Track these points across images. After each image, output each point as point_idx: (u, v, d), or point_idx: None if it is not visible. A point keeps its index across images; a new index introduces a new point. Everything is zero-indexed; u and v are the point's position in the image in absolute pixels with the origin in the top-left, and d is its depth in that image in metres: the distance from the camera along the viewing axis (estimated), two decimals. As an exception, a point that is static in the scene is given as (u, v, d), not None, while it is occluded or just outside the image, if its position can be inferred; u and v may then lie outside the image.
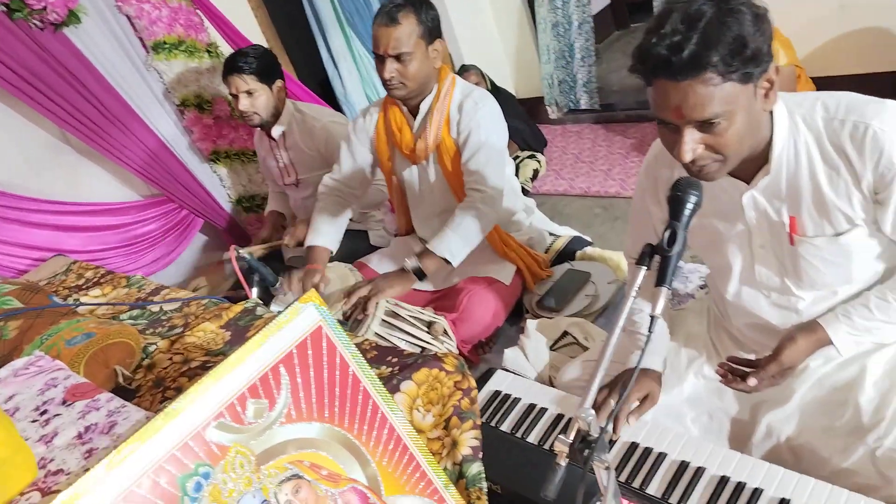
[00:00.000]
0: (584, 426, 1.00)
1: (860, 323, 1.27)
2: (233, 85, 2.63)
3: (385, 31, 2.06)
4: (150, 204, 3.23)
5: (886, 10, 3.16)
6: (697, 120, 1.09)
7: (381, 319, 1.96)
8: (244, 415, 0.92)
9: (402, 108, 2.29)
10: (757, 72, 1.08)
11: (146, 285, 2.14)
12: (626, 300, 1.05)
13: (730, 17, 1.04)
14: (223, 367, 0.90)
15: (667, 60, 1.05)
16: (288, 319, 0.98)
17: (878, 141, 1.13)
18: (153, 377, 1.47)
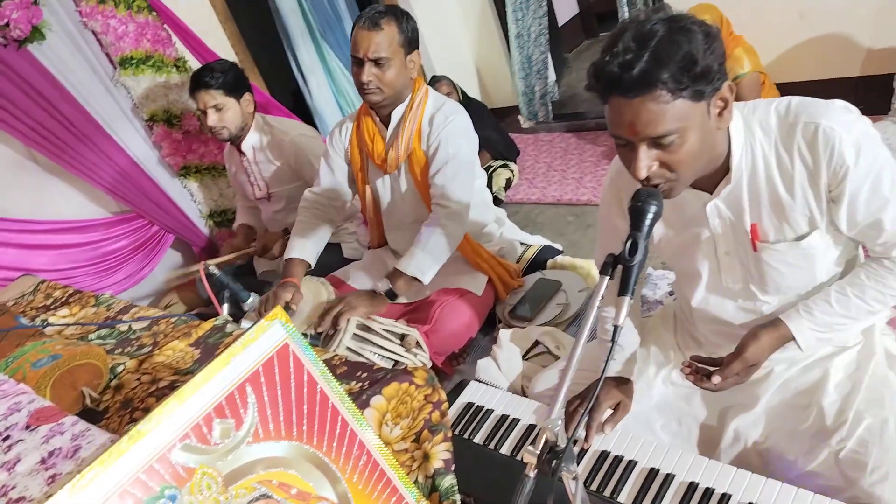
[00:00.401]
0: (551, 437, 1.01)
1: (821, 318, 1.29)
2: (200, 100, 2.62)
3: (367, 34, 2.07)
4: (119, 220, 3.19)
5: (844, 18, 3.24)
6: (650, 137, 1.11)
7: (354, 333, 1.95)
8: (210, 435, 0.91)
9: (374, 118, 2.30)
10: (708, 90, 1.10)
11: (115, 304, 2.11)
12: (589, 310, 1.06)
13: (680, 35, 1.06)
14: (188, 388, 0.89)
15: (618, 78, 1.07)
16: (254, 337, 0.97)
17: (829, 138, 1.16)
18: (121, 398, 1.46)
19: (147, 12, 3.06)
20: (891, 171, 1.19)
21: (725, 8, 3.25)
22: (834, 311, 1.29)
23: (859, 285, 1.28)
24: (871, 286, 1.27)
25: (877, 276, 1.27)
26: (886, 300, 1.29)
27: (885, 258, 1.28)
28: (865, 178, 1.17)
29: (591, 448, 1.42)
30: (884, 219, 1.21)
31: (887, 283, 1.27)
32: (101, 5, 2.88)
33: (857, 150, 1.15)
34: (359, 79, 2.13)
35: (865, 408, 1.26)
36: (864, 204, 1.20)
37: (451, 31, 4.82)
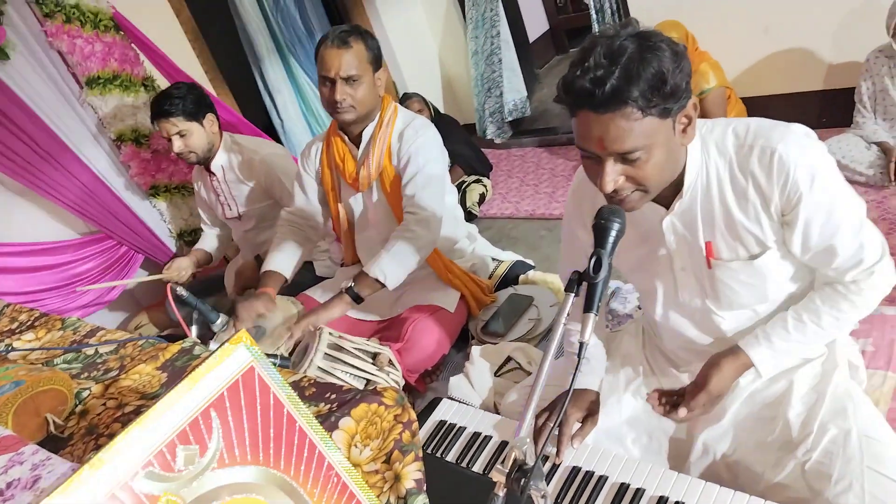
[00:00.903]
0: (519, 455, 1.01)
1: (779, 344, 1.32)
2: (163, 129, 2.61)
3: (336, 53, 2.07)
4: (87, 242, 3.15)
5: (807, 33, 3.32)
6: (618, 152, 1.12)
7: (325, 353, 1.94)
8: (174, 462, 0.90)
9: (344, 138, 2.30)
10: (675, 107, 1.12)
11: (81, 327, 2.07)
12: (556, 328, 1.07)
13: (650, 53, 1.07)
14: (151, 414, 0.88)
15: (590, 93, 1.08)
16: (218, 361, 0.96)
17: (784, 164, 1.18)
18: (86, 424, 1.43)
19: (114, 32, 3.04)
20: (844, 198, 1.21)
21: (690, 24, 3.31)
22: (791, 336, 1.31)
23: (814, 311, 1.30)
24: (826, 311, 1.29)
25: (831, 302, 1.29)
26: (841, 325, 1.31)
27: (838, 283, 1.30)
28: (819, 204, 1.18)
29: (563, 464, 1.42)
30: (836, 245, 1.22)
31: (841, 309, 1.29)
32: (66, 25, 2.86)
33: (812, 177, 1.17)
34: (331, 98, 2.12)
35: (829, 419, 1.27)
36: (817, 230, 1.21)
37: (423, 49, 4.85)
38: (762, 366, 1.32)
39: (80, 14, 2.91)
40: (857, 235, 1.23)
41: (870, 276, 1.27)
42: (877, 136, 2.90)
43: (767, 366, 1.32)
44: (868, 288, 1.28)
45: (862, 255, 1.24)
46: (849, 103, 3.05)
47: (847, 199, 1.22)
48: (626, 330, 1.76)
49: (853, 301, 1.28)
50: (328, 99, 2.14)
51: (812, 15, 3.25)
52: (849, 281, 1.28)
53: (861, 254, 1.24)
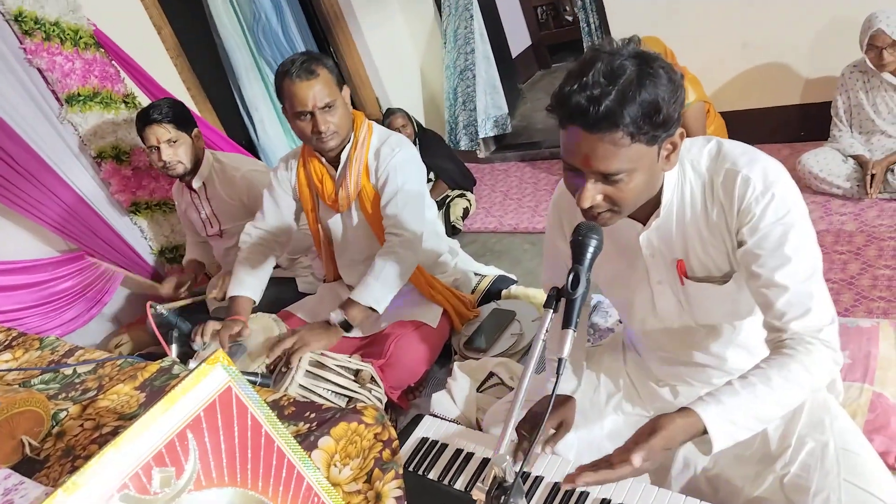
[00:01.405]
0: (499, 473, 1.01)
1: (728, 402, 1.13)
2: (153, 136, 2.58)
3: (307, 85, 2.04)
4: (67, 260, 3.12)
5: (784, 49, 3.37)
6: (602, 172, 1.13)
7: (306, 370, 1.93)
8: (150, 485, 0.89)
9: (321, 160, 2.30)
10: (664, 136, 1.13)
11: (59, 347, 2.05)
12: (535, 344, 1.07)
13: (648, 79, 1.07)
14: (126, 436, 0.88)
15: (584, 111, 1.07)
16: (195, 382, 0.96)
17: (744, 187, 1.19)
18: (63, 446, 1.41)
19: (94, 49, 3.03)
20: (800, 233, 1.19)
21: (670, 40, 3.35)
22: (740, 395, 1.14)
23: (761, 372, 1.17)
24: (775, 372, 1.16)
25: (778, 363, 1.17)
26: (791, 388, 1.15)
27: (783, 344, 1.20)
28: (770, 231, 1.18)
29: (543, 481, 1.42)
30: (783, 280, 1.18)
31: (790, 369, 1.16)
32: (46, 42, 2.85)
33: (768, 204, 1.17)
34: (314, 129, 2.10)
35: (807, 432, 1.28)
36: (764, 257, 1.19)
37: (405, 64, 4.87)
38: (713, 426, 1.10)
39: (60, 32, 2.90)
40: (808, 281, 1.18)
41: (817, 334, 1.18)
42: (853, 150, 2.94)
43: (719, 430, 1.11)
44: (816, 350, 1.16)
45: (810, 304, 1.18)
46: (826, 117, 3.10)
47: (802, 242, 1.18)
48: (607, 344, 1.77)
49: (802, 362, 1.16)
50: (310, 132, 2.12)
51: (789, 31, 3.31)
52: (795, 334, 1.19)
53: (809, 303, 1.18)
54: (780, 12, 3.26)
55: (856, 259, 2.56)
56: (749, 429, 1.14)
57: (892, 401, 1.57)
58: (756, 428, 1.15)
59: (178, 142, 2.62)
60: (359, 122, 2.27)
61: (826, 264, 2.57)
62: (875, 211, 2.82)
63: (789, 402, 1.17)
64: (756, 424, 1.15)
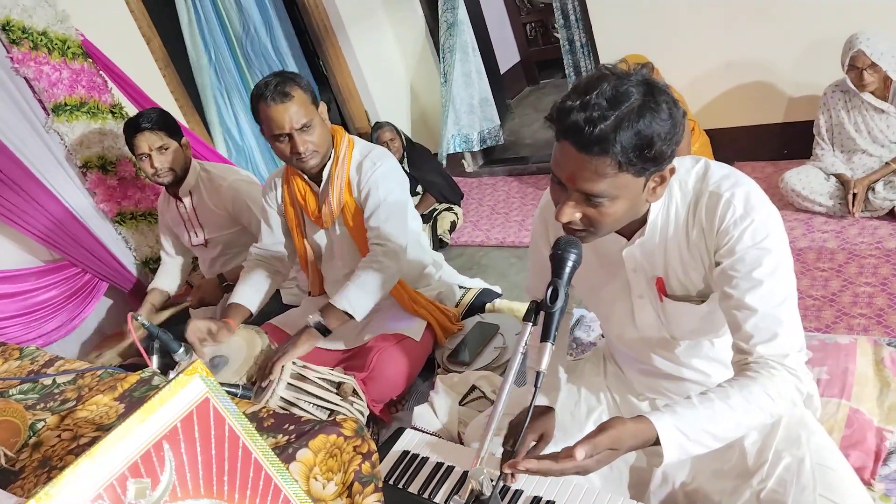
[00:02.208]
0: (476, 486, 1.01)
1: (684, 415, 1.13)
2: (144, 143, 2.58)
3: (282, 108, 2.04)
4: (50, 269, 3.10)
5: (768, 67, 3.41)
6: (584, 192, 1.13)
7: (288, 383, 1.92)
8: (125, 496, 0.89)
9: (303, 177, 2.30)
10: (653, 169, 1.13)
11: (39, 357, 2.03)
12: (513, 358, 1.08)
13: (649, 112, 1.07)
14: (101, 447, 0.87)
15: (579, 130, 1.08)
16: (172, 393, 0.95)
17: (724, 210, 1.21)
18: (39, 456, 1.40)
19: (82, 59, 3.03)
20: (775, 259, 1.19)
21: (655, 58, 3.39)
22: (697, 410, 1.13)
23: (722, 390, 1.17)
24: (735, 392, 1.16)
25: (741, 383, 1.17)
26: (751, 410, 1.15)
27: (748, 367, 1.20)
28: (745, 254, 1.19)
29: (524, 494, 1.42)
30: (752, 302, 1.18)
31: (752, 391, 1.15)
32: (33, 52, 2.85)
33: (747, 226, 1.19)
34: (293, 151, 2.10)
35: (784, 447, 1.29)
36: (737, 279, 1.20)
37: (395, 78, 4.89)
38: (665, 437, 1.09)
39: (48, 41, 2.90)
40: (779, 307, 1.19)
41: (782, 360, 1.17)
42: (835, 168, 2.98)
43: (671, 440, 1.10)
44: (779, 376, 1.16)
45: (778, 329, 1.18)
46: (808, 136, 3.13)
47: (777, 267, 1.19)
48: (588, 359, 1.78)
49: (764, 385, 1.15)
50: (290, 153, 2.12)
51: (772, 50, 3.35)
52: (760, 357, 1.18)
53: (777, 328, 1.18)
54: (764, 32, 3.31)
55: (837, 276, 2.59)
56: (702, 444, 1.13)
57: (868, 416, 1.59)
58: (710, 444, 1.14)
59: (168, 149, 2.63)
60: (339, 138, 2.27)
61: (808, 281, 2.60)
62: (856, 229, 2.85)
63: (747, 423, 1.16)
64: (710, 441, 1.14)
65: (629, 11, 3.63)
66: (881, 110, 2.83)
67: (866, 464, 1.52)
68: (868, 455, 1.53)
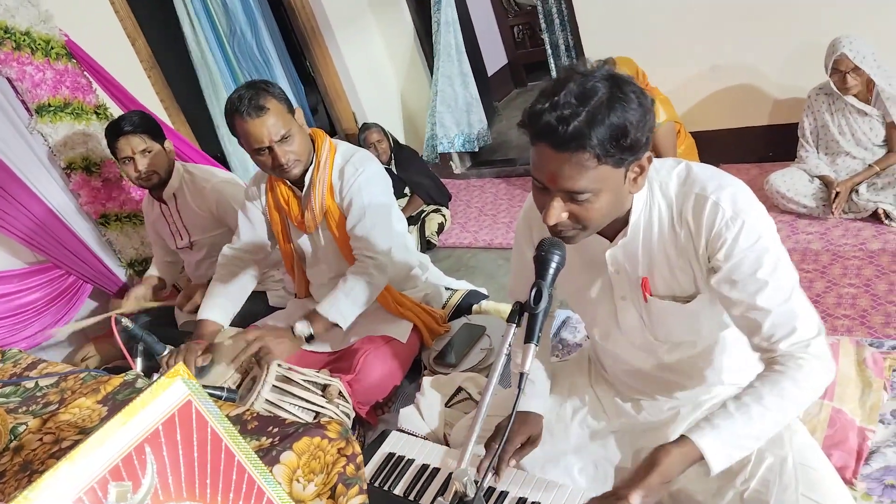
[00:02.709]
0: (460, 487, 1.01)
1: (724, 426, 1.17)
2: (127, 147, 2.57)
3: (259, 122, 2.01)
4: (34, 271, 3.07)
5: (753, 71, 3.44)
6: (567, 191, 1.14)
7: (273, 385, 1.91)
8: (105, 499, 0.88)
9: (286, 182, 2.29)
10: (631, 159, 1.14)
11: (22, 359, 2.02)
12: (497, 359, 1.08)
13: (618, 103, 1.08)
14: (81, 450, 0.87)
15: (553, 130, 1.09)
16: (153, 395, 0.95)
17: (714, 213, 1.21)
18: (20, 460, 1.38)
19: (66, 59, 3.01)
20: (773, 256, 1.20)
21: (642, 61, 3.41)
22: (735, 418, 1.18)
23: (754, 392, 1.20)
24: (767, 391, 1.19)
25: (771, 382, 1.20)
26: (786, 406, 1.19)
27: (775, 359, 1.23)
28: (743, 257, 1.20)
29: (509, 495, 1.42)
30: (762, 303, 1.20)
31: (783, 387, 1.19)
32: (16, 52, 2.82)
33: (739, 229, 1.19)
34: (276, 163, 2.08)
35: (767, 447, 1.29)
36: (741, 283, 1.21)
37: (383, 79, 4.89)
38: (710, 453, 1.15)
39: (31, 41, 2.88)
40: (789, 301, 1.20)
41: (805, 349, 1.20)
42: (819, 170, 3.00)
43: (717, 454, 1.15)
44: (807, 363, 1.19)
45: (795, 323, 1.20)
46: (793, 138, 3.16)
47: (776, 262, 1.20)
48: (573, 360, 1.78)
49: (794, 378, 1.18)
50: (272, 165, 2.10)
51: (758, 53, 3.38)
52: (785, 352, 1.21)
53: (794, 322, 1.20)
54: (749, 35, 3.34)
55: (821, 277, 2.61)
56: (746, 448, 1.19)
57: (850, 416, 1.60)
58: (753, 446, 1.20)
59: (152, 152, 2.62)
60: (319, 143, 2.25)
61: (792, 282, 2.61)
62: (840, 230, 2.87)
63: (783, 419, 1.20)
64: (752, 443, 1.20)
65: (616, 14, 3.65)
66: (864, 113, 2.86)
67: (848, 463, 1.54)
68: (850, 454, 1.54)
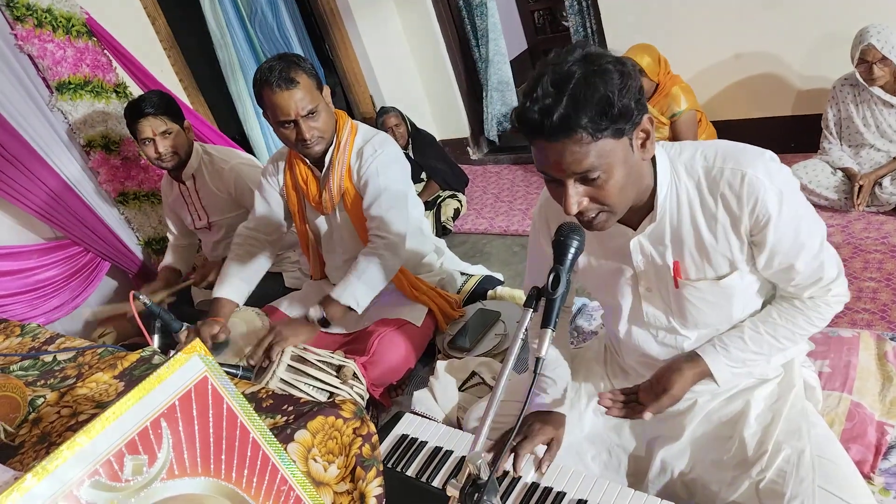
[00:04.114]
0: (473, 470, 1.01)
1: (735, 354, 1.34)
2: (147, 128, 2.57)
3: (288, 94, 2.01)
4: (53, 248, 3.10)
5: (777, 60, 3.39)
6: (576, 173, 1.13)
7: (288, 365, 1.92)
8: (121, 472, 0.88)
9: (306, 162, 2.28)
10: (628, 126, 1.12)
11: (41, 334, 2.04)
12: (513, 343, 1.07)
13: (596, 77, 1.07)
14: (98, 423, 0.87)
15: (539, 123, 1.08)
16: (170, 371, 0.95)
17: (753, 187, 1.19)
18: (38, 432, 1.40)
19: (87, 37, 3.02)
20: (809, 219, 1.24)
21: (664, 48, 3.37)
22: (747, 347, 1.34)
23: (772, 324, 1.34)
24: (783, 325, 1.33)
25: (788, 316, 1.33)
26: (795, 338, 1.35)
27: (796, 299, 1.33)
28: (787, 226, 1.21)
29: (521, 480, 1.42)
30: (798, 264, 1.26)
31: (797, 323, 1.33)
32: (37, 29, 2.83)
33: (781, 200, 1.19)
34: (299, 137, 2.08)
35: (784, 439, 1.28)
36: (783, 250, 1.24)
37: (401, 64, 4.86)
38: (718, 374, 1.34)
39: (52, 19, 2.88)
40: (819, 255, 1.27)
41: (827, 293, 1.31)
42: (842, 162, 2.96)
43: (724, 375, 1.35)
44: (824, 304, 1.32)
45: (821, 273, 1.29)
46: (816, 129, 3.11)
47: (811, 221, 1.25)
48: (589, 346, 1.77)
49: (809, 317, 1.33)
50: (295, 139, 2.10)
51: (782, 42, 3.33)
52: (807, 297, 1.32)
53: (820, 272, 1.29)
54: (773, 24, 3.28)
55: (841, 271, 2.58)
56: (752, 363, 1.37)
57: (869, 411, 1.58)
58: (759, 361, 1.38)
59: (171, 133, 2.62)
60: (341, 124, 2.24)
61: (811, 275, 2.59)
62: (862, 224, 2.83)
63: (790, 345, 1.37)
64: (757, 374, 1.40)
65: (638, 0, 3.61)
66: (890, 105, 2.81)
67: (866, 457, 1.52)
68: (868, 449, 1.52)
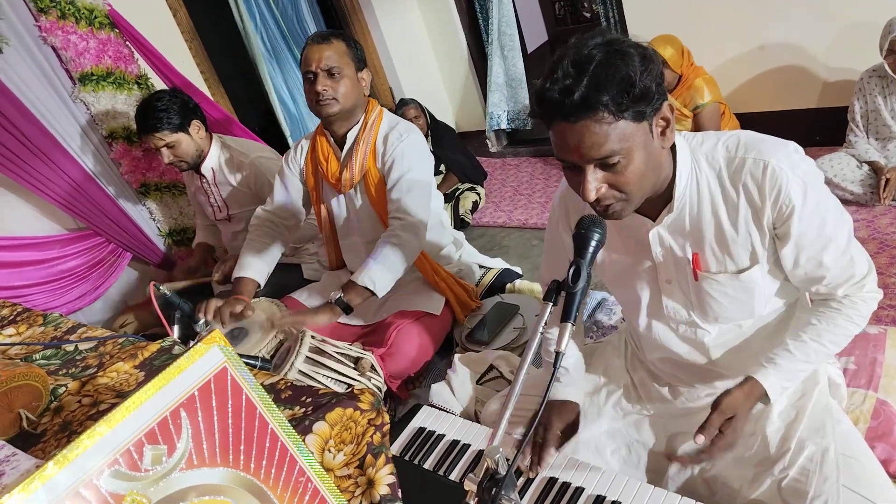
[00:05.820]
0: (491, 464, 1.00)
1: (785, 366, 1.30)
2: (151, 143, 2.66)
3: (317, 48, 2.11)
4: (75, 238, 3.13)
5: (801, 51, 3.33)
6: (596, 158, 1.11)
7: (306, 356, 1.92)
8: (141, 462, 0.89)
9: (329, 139, 2.30)
10: (649, 110, 1.11)
11: (63, 323, 2.06)
12: (532, 336, 1.06)
13: (617, 58, 1.06)
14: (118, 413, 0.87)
15: (560, 103, 1.07)
16: (190, 361, 0.95)
17: (777, 177, 1.17)
18: (60, 421, 1.41)
19: (109, 29, 3.03)
20: (833, 212, 1.22)
21: (687, 39, 3.33)
22: (795, 357, 1.30)
23: (813, 329, 1.31)
24: (825, 328, 1.30)
25: (828, 319, 1.31)
26: (839, 340, 1.32)
27: (831, 300, 1.31)
28: (812, 218, 1.19)
29: (539, 474, 1.41)
30: (827, 260, 1.23)
31: (838, 323, 1.30)
32: (61, 21, 2.85)
33: (805, 191, 1.17)
34: (313, 90, 2.13)
35: (807, 436, 1.27)
36: (809, 243, 1.21)
37: (421, 56, 4.85)
38: (772, 391, 1.28)
39: (76, 10, 2.90)
40: (847, 250, 1.25)
41: (861, 290, 1.29)
42: (868, 156, 2.91)
43: (776, 390, 1.29)
44: (860, 301, 1.30)
45: (853, 269, 1.26)
46: (842, 122, 3.06)
47: (836, 214, 1.23)
48: (610, 341, 1.75)
49: (849, 315, 1.30)
50: (311, 93, 2.15)
51: (807, 34, 3.27)
52: (841, 296, 1.30)
53: (851, 269, 1.26)
54: (798, 15, 3.23)
55: (866, 266, 2.53)
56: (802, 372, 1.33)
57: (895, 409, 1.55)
58: (808, 370, 1.34)
59: (176, 144, 2.68)
60: (370, 108, 2.28)
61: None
62: (888, 218, 2.78)
63: (835, 349, 1.34)
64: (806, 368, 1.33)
65: (662, -9, 3.57)
66: (919, 97, 2.76)
67: (892, 456, 1.49)
68: (894, 447, 1.49)
